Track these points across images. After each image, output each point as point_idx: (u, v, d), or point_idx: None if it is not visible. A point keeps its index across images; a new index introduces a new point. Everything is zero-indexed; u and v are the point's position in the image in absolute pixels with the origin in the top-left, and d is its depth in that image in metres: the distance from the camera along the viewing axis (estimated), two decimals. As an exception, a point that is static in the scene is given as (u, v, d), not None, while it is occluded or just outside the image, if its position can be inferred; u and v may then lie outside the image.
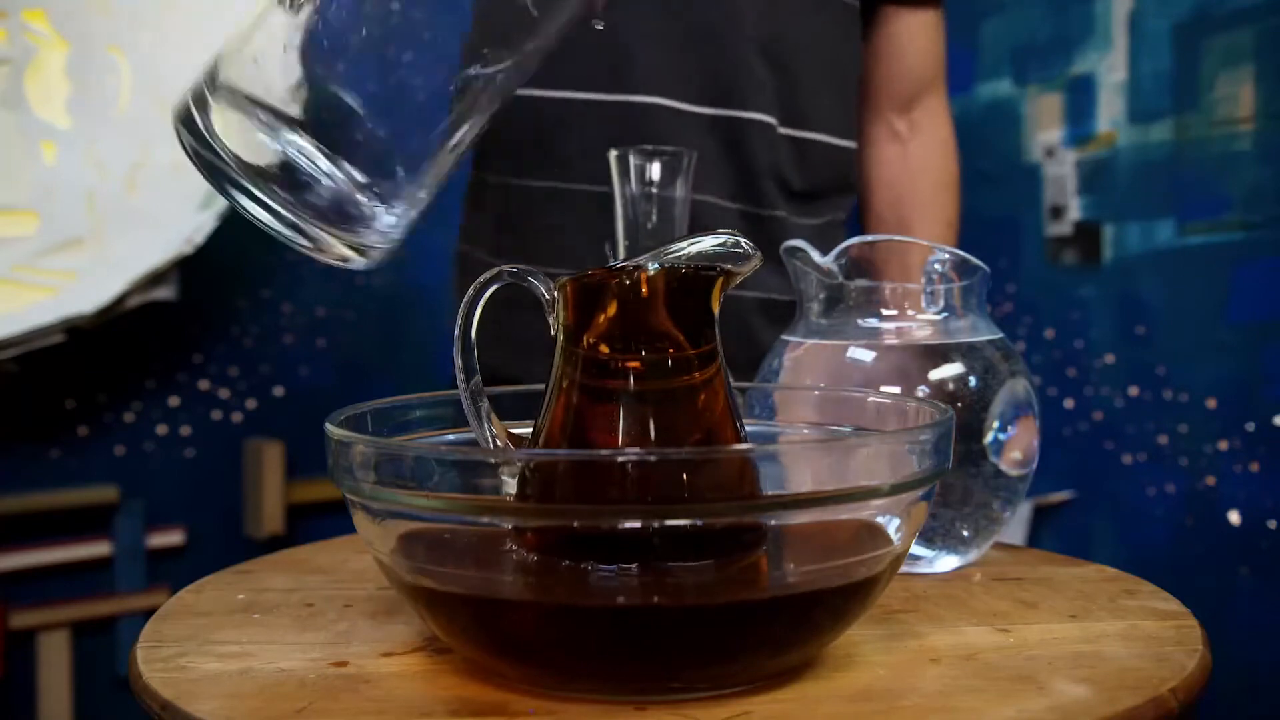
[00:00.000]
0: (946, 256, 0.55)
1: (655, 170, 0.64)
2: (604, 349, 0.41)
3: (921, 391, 0.53)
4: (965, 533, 0.54)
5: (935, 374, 0.53)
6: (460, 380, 0.44)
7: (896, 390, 0.53)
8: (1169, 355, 1.36)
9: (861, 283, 0.56)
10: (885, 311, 0.56)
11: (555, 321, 0.42)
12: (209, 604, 0.49)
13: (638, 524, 0.35)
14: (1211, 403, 1.32)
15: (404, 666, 0.41)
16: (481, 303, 0.43)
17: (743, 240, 0.42)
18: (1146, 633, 0.44)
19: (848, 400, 0.50)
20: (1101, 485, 1.44)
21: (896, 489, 0.38)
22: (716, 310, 0.42)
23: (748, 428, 0.45)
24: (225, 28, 0.42)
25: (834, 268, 0.55)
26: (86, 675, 1.52)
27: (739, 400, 0.45)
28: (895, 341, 0.55)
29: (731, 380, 0.43)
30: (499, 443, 0.44)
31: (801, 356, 0.56)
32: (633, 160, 0.64)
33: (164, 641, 0.44)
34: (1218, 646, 0.44)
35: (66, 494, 1.52)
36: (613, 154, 0.64)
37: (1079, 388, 1.47)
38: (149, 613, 0.49)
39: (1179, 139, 1.34)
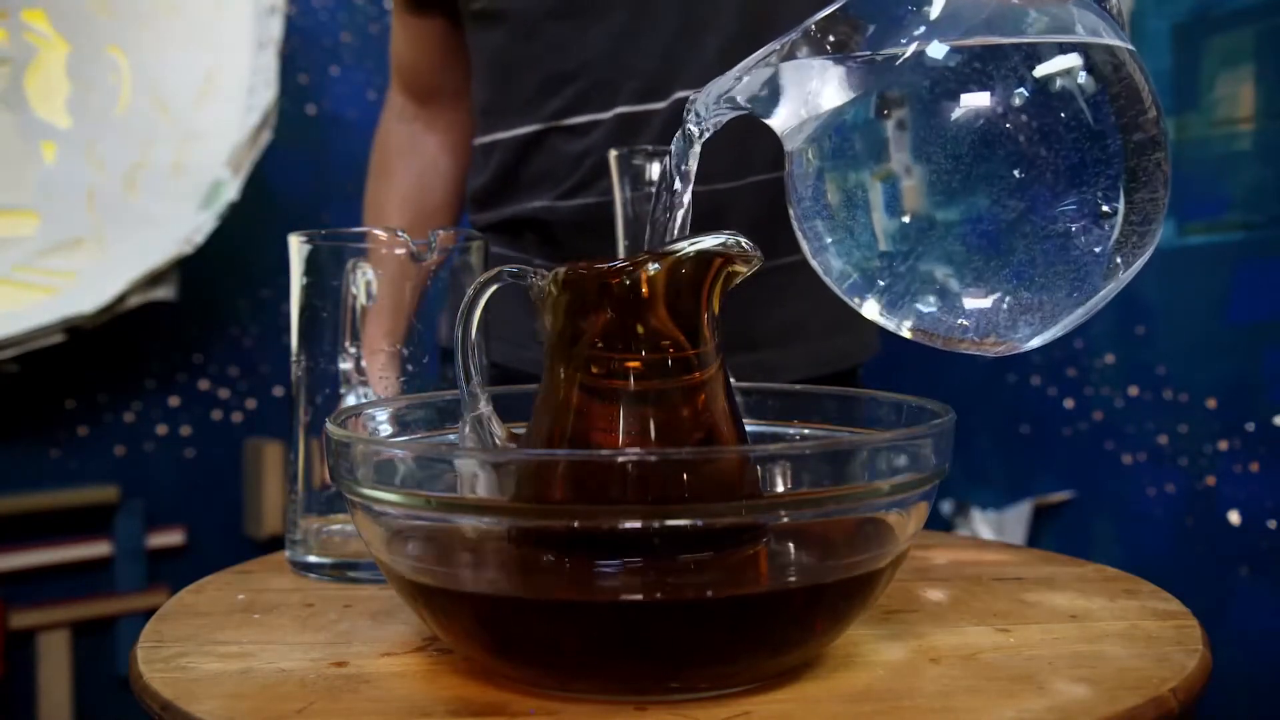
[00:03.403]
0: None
1: (655, 171, 0.64)
2: (603, 348, 0.41)
3: None
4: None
5: None
6: (460, 380, 0.44)
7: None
8: (1169, 355, 1.36)
9: None
10: None
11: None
12: (209, 604, 0.49)
13: (638, 524, 0.35)
14: (1211, 403, 1.32)
15: (404, 666, 0.41)
16: (482, 303, 0.43)
17: (743, 240, 0.42)
18: (1146, 633, 0.44)
19: (848, 399, 0.50)
20: (1101, 485, 1.44)
21: (896, 489, 0.38)
22: (717, 310, 0.42)
23: (748, 428, 0.45)
24: (225, 28, 0.42)
25: None
26: (86, 675, 1.52)
27: (739, 400, 0.45)
28: None
29: (732, 380, 0.43)
30: (499, 442, 0.44)
31: None
32: (633, 161, 0.64)
33: (164, 641, 0.44)
34: (1218, 646, 0.44)
35: (66, 494, 1.52)
36: (613, 154, 0.64)
37: (1079, 388, 1.47)
38: (149, 613, 0.49)
39: (1179, 139, 1.34)
